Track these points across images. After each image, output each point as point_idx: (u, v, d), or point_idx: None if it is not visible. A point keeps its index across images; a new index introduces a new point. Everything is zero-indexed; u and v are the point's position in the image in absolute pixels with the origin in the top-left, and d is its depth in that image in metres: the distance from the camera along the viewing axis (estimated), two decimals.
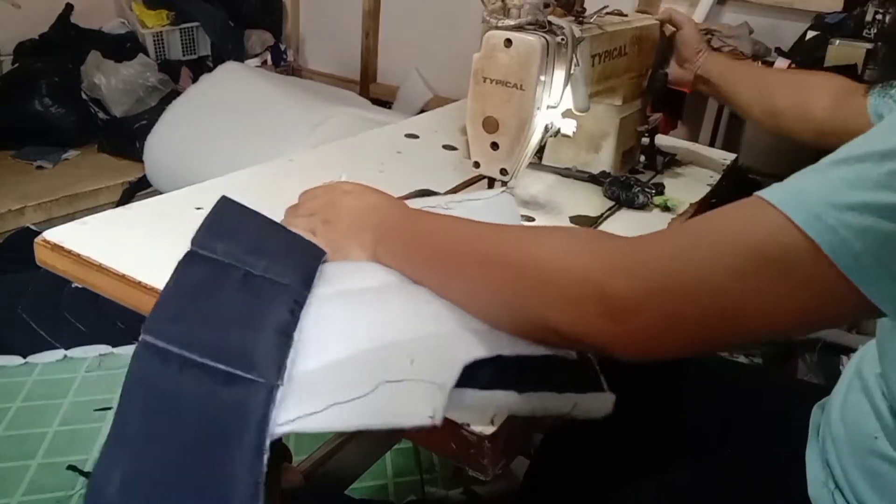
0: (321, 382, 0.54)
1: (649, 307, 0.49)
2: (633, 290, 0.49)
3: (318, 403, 0.52)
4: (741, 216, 0.49)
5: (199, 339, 0.55)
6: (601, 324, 0.50)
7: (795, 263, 0.46)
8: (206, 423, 0.52)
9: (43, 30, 3.00)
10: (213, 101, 2.54)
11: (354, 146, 1.17)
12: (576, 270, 0.52)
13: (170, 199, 0.89)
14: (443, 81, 3.34)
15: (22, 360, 1.81)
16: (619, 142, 1.08)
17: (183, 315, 0.57)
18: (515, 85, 0.82)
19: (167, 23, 3.17)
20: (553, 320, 0.53)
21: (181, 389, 0.53)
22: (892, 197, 0.44)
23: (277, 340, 0.55)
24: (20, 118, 2.74)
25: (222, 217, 0.68)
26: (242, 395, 0.52)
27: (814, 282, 0.46)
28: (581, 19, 0.92)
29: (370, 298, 0.63)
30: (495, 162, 0.87)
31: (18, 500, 1.42)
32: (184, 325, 0.56)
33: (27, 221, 2.38)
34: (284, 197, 0.94)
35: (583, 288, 0.51)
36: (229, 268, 0.61)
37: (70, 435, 1.59)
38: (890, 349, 0.59)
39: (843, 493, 0.64)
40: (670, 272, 0.49)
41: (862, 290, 0.45)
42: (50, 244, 0.75)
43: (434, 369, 0.54)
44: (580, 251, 0.53)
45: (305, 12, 3.74)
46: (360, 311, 0.61)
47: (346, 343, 0.57)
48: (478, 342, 0.57)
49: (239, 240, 0.65)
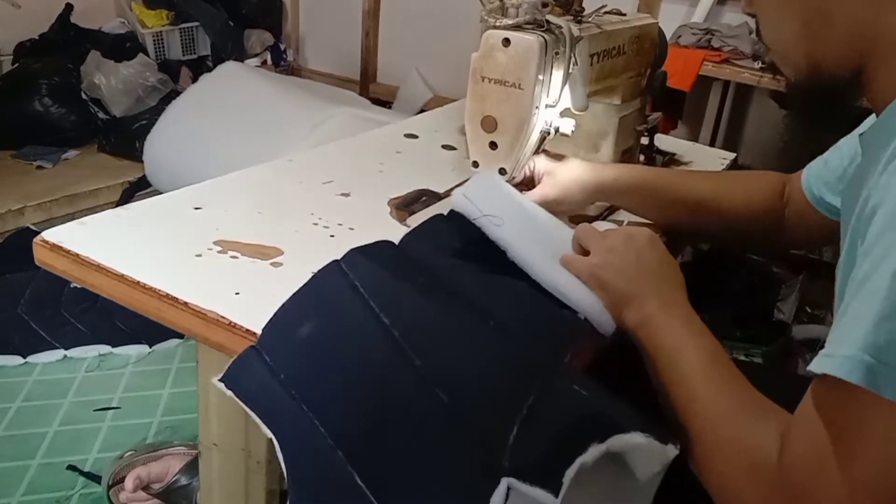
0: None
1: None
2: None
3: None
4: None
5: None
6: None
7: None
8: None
9: (43, 30, 3.00)
10: (213, 101, 2.53)
11: (354, 146, 1.17)
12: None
13: (169, 199, 0.89)
14: (442, 81, 3.34)
15: (22, 360, 1.81)
16: (618, 141, 1.08)
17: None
18: (514, 84, 0.82)
19: (167, 23, 3.17)
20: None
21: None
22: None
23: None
24: (20, 118, 2.74)
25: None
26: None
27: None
28: (579, 18, 0.92)
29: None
30: (494, 161, 0.87)
31: (18, 500, 1.42)
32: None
33: (27, 221, 2.38)
34: (284, 197, 0.94)
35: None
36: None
37: (70, 435, 1.59)
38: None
39: None
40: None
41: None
42: (49, 244, 0.75)
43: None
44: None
45: (305, 12, 3.74)
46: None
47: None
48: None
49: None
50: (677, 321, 0.67)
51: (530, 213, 0.79)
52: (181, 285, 0.69)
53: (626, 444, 0.53)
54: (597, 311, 0.70)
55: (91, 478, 1.46)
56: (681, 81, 2.28)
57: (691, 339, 0.65)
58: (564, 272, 0.72)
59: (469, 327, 0.61)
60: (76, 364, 1.82)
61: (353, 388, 0.57)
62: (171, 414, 1.66)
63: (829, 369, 0.50)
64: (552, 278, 0.71)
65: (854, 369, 0.48)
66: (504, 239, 0.72)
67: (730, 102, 2.69)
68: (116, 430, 1.60)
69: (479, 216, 0.73)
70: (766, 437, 0.57)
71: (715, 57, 2.35)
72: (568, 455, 0.51)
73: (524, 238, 0.73)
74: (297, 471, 0.56)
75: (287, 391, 0.58)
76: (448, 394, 0.56)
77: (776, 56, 0.70)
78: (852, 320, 0.50)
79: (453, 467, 0.54)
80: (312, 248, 0.81)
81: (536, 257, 0.72)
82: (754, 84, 2.33)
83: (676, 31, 2.46)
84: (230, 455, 0.77)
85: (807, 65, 0.65)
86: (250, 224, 0.84)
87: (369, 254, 0.67)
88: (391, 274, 0.64)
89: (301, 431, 0.56)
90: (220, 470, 0.80)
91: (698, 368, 0.63)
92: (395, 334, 0.58)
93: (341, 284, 0.62)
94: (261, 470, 0.76)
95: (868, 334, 0.48)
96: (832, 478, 0.50)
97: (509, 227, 0.73)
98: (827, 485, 0.51)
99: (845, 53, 0.63)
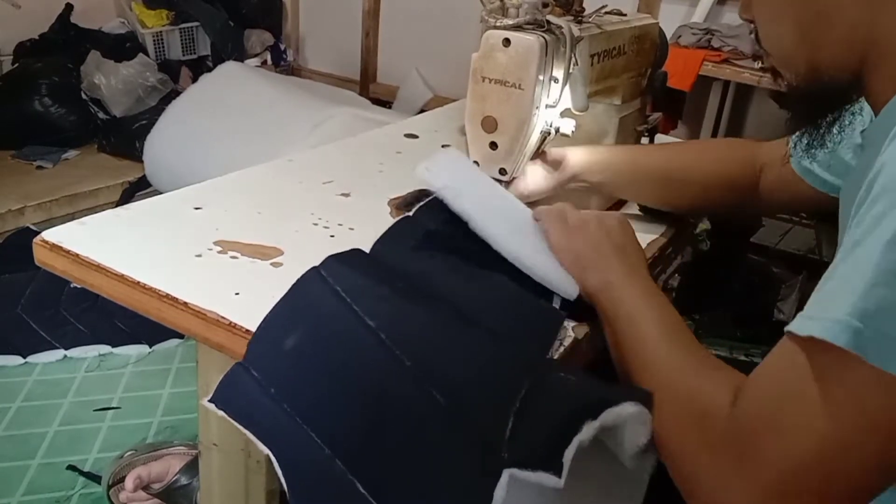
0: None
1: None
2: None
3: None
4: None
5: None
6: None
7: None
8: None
9: (43, 30, 3.00)
10: (213, 101, 2.53)
11: (354, 146, 1.17)
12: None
13: (169, 199, 0.89)
14: (443, 81, 3.34)
15: (22, 360, 1.81)
16: (619, 141, 1.08)
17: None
18: (514, 84, 0.81)
19: (167, 23, 3.17)
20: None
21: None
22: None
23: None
24: (20, 118, 2.74)
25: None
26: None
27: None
28: (580, 18, 0.92)
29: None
30: (494, 161, 0.87)
31: (18, 500, 1.42)
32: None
33: (27, 221, 2.38)
34: (284, 197, 0.94)
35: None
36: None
37: (70, 435, 1.59)
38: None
39: None
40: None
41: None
42: (49, 244, 0.75)
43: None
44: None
45: (305, 12, 3.74)
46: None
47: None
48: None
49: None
50: (638, 289, 0.68)
51: (491, 187, 0.82)
52: (181, 285, 0.69)
53: (618, 417, 0.54)
54: (560, 277, 0.71)
55: (91, 478, 1.46)
56: (681, 81, 2.28)
57: (651, 306, 0.66)
58: (527, 241, 0.74)
59: (455, 328, 0.62)
60: (76, 364, 1.82)
61: (347, 395, 0.57)
62: (171, 414, 1.66)
63: (816, 332, 0.49)
64: (514, 248, 0.72)
65: (842, 333, 0.48)
66: (465, 210, 0.73)
67: (730, 102, 2.69)
68: (116, 430, 1.61)
69: (441, 188, 0.75)
70: (719, 388, 0.57)
71: (715, 57, 2.35)
72: (565, 436, 0.52)
73: (486, 209, 0.75)
74: (297, 484, 0.56)
75: (279, 405, 0.57)
76: (444, 395, 0.56)
77: (776, 61, 0.70)
78: (841, 284, 0.50)
79: (454, 467, 0.54)
80: (312, 248, 0.81)
81: (499, 227, 0.73)
82: (754, 84, 2.33)
83: (676, 31, 2.46)
84: (230, 455, 0.77)
85: (807, 69, 0.66)
86: (250, 224, 0.84)
87: (346, 261, 0.66)
88: (371, 280, 0.64)
89: (297, 444, 0.56)
90: (220, 470, 0.80)
91: (656, 333, 0.64)
92: (383, 337, 0.58)
93: (323, 291, 0.62)
94: (261, 470, 0.76)
95: (858, 299, 0.48)
96: (786, 432, 0.50)
97: (469, 198, 0.74)
98: (777, 437, 0.51)
99: (844, 57, 0.63)
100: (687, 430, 0.57)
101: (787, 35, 0.66)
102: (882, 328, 0.47)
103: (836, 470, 0.49)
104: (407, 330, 0.59)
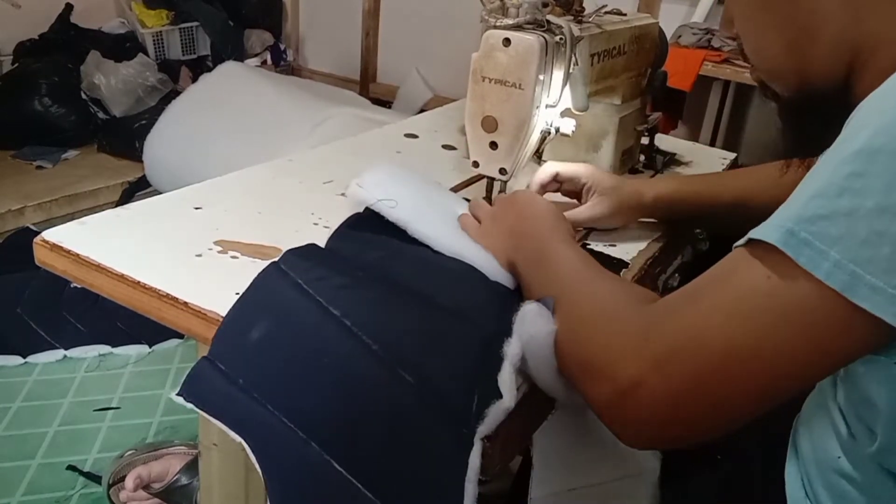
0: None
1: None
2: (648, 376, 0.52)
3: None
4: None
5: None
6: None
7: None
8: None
9: (43, 30, 2.99)
10: (213, 101, 2.53)
11: (354, 146, 1.17)
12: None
13: (169, 199, 0.89)
14: (443, 81, 3.34)
15: (22, 360, 1.81)
16: (619, 141, 1.08)
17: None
18: (514, 84, 0.82)
19: (167, 22, 3.17)
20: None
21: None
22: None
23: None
24: (20, 118, 2.74)
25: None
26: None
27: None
28: (580, 18, 0.92)
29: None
30: (494, 161, 0.87)
31: (18, 500, 1.42)
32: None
33: (27, 221, 2.38)
34: (284, 197, 0.94)
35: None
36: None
37: (70, 435, 1.59)
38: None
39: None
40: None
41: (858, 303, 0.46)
42: (49, 244, 0.75)
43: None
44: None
45: (305, 12, 3.74)
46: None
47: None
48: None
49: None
50: (562, 246, 0.70)
51: (425, 193, 0.84)
52: (181, 285, 0.69)
53: (524, 314, 0.60)
54: (497, 271, 0.74)
55: (91, 478, 1.46)
56: (681, 81, 2.28)
57: (569, 253, 0.69)
58: (464, 240, 0.77)
59: (416, 310, 0.64)
60: (76, 364, 1.82)
61: (318, 381, 0.58)
62: (171, 414, 1.66)
63: (752, 234, 0.51)
64: (453, 247, 0.76)
65: (774, 231, 0.49)
66: (401, 219, 0.76)
67: (730, 102, 2.69)
68: (116, 430, 1.61)
69: (375, 202, 0.77)
70: (648, 293, 0.60)
71: (715, 57, 2.35)
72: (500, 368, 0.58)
73: (422, 215, 0.77)
74: (276, 470, 0.57)
75: (248, 394, 0.58)
76: (412, 374, 0.58)
77: (764, 74, 0.70)
78: (788, 202, 0.51)
79: (430, 441, 0.56)
80: None
81: (437, 230, 0.77)
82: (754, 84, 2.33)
83: (676, 31, 2.46)
84: (230, 455, 0.78)
85: (797, 81, 0.65)
86: (250, 224, 0.84)
87: (304, 254, 0.68)
88: (331, 271, 0.66)
89: (270, 431, 0.57)
90: (220, 470, 0.80)
91: (577, 268, 0.66)
92: (349, 324, 0.60)
93: (284, 285, 0.63)
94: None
95: (799, 208, 0.49)
96: (701, 304, 0.52)
97: (404, 208, 0.77)
98: (690, 308, 0.53)
99: (833, 65, 0.62)
100: (603, 321, 0.58)
101: (774, 49, 0.66)
102: (816, 234, 0.47)
103: (732, 356, 0.50)
104: (370, 316, 0.61)
